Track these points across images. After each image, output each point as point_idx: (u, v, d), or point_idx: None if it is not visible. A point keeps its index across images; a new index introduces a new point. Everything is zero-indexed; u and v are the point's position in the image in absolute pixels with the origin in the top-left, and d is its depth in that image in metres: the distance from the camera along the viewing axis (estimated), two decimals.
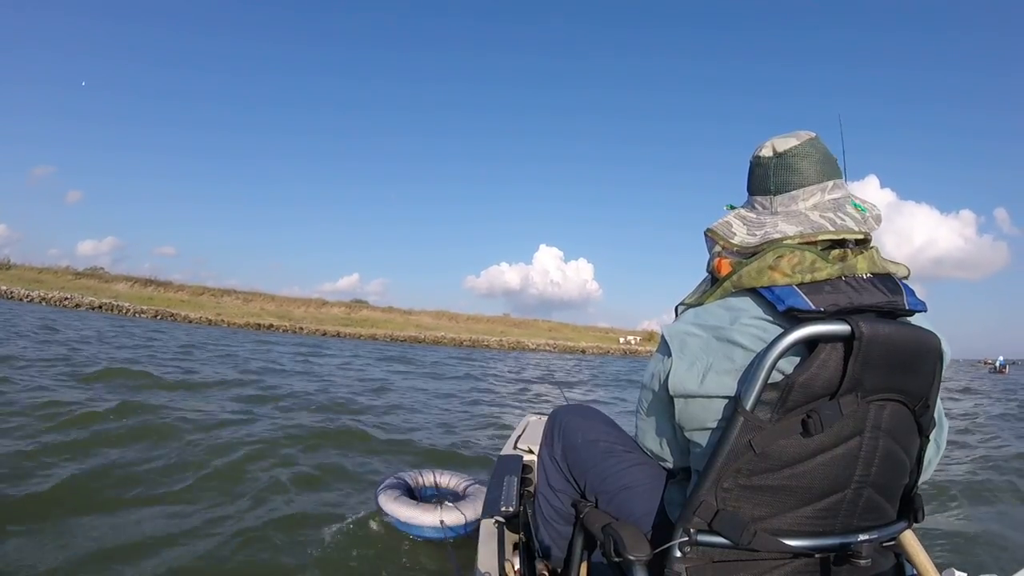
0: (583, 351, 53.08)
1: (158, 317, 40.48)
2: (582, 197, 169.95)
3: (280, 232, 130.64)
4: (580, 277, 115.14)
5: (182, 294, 51.25)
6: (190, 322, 40.11)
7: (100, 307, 39.78)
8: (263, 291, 56.80)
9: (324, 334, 44.51)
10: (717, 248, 1.19)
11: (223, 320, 43.83)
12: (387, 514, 2.97)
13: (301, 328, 45.95)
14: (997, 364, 40.21)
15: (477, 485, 3.25)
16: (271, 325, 45.16)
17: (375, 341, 41.72)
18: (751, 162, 1.23)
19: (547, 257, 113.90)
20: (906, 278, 1.13)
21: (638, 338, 61.96)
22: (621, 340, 61.23)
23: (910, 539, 1.24)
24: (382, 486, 3.14)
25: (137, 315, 39.54)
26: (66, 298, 39.92)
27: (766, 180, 1.18)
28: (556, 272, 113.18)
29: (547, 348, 52.40)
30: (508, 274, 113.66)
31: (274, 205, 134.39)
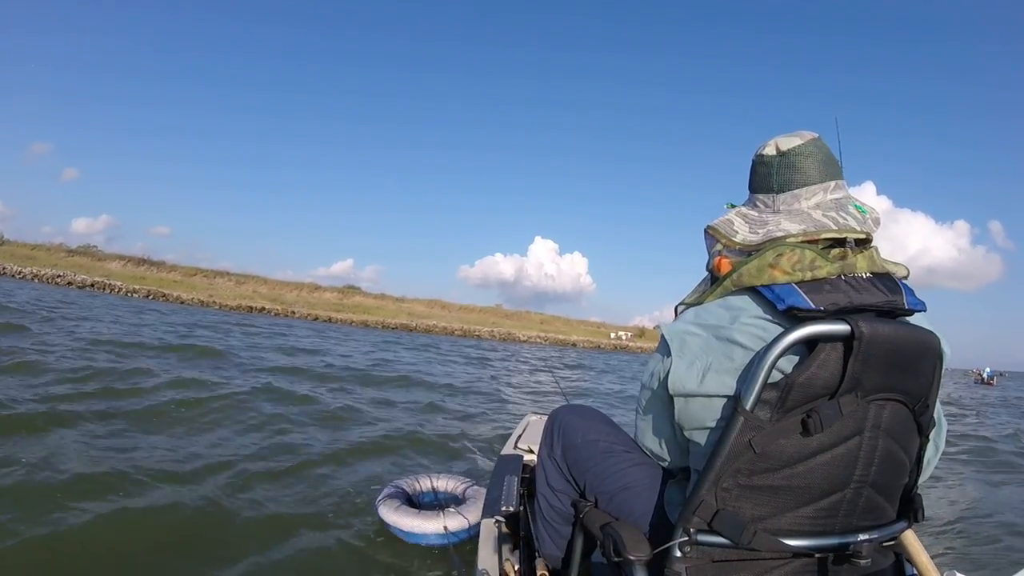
0: (574, 344, 53.32)
1: (150, 297, 40.47)
2: (580, 191, 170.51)
3: (275, 216, 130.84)
4: (574, 271, 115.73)
5: (174, 275, 51.22)
6: (182, 303, 40.03)
7: (92, 285, 39.78)
8: (256, 274, 56.86)
9: (316, 319, 44.57)
10: (718, 246, 1.19)
11: (215, 302, 43.76)
12: (389, 525, 2.94)
13: (293, 312, 46.02)
14: (984, 375, 40.00)
15: (476, 487, 3.22)
16: (263, 308, 45.20)
17: (366, 327, 41.80)
18: (754, 160, 1.23)
19: (542, 250, 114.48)
20: (905, 278, 1.14)
21: (629, 334, 62.24)
22: (612, 335, 61.49)
23: (910, 539, 1.24)
24: (381, 496, 3.10)
25: (129, 294, 39.53)
26: (58, 275, 39.87)
27: (769, 178, 1.19)
28: (551, 265, 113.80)
29: (538, 340, 52.58)
30: (503, 265, 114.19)
31: (270, 189, 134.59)
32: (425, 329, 48.43)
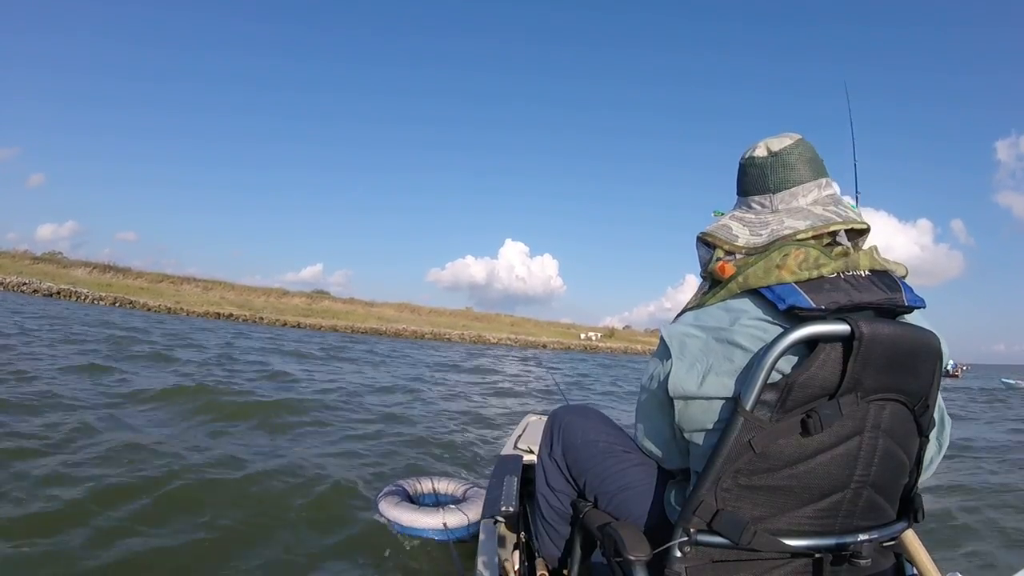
0: (544, 346, 53.90)
1: (116, 304, 40.03)
2: (549, 192, 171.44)
3: (244, 219, 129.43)
4: (545, 272, 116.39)
5: (141, 281, 50.52)
6: (149, 310, 39.45)
7: (58, 293, 39.33)
8: (224, 280, 56.38)
9: (284, 324, 44.31)
10: (719, 252, 1.18)
11: (182, 308, 43.36)
12: (388, 520, 2.94)
13: (261, 318, 45.71)
14: (948, 367, 41.72)
15: (477, 489, 3.22)
16: (231, 314, 44.71)
17: (336, 332, 41.59)
18: (743, 163, 1.23)
19: (513, 252, 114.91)
20: (904, 277, 1.14)
21: (599, 334, 63.05)
22: (582, 336, 62.04)
23: (911, 539, 1.24)
24: (381, 494, 3.12)
25: (95, 302, 39.20)
26: (24, 283, 39.31)
27: (763, 179, 1.19)
28: (521, 267, 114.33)
29: (508, 342, 52.85)
30: (473, 268, 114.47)
31: (240, 192, 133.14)
32: (395, 333, 48.53)
